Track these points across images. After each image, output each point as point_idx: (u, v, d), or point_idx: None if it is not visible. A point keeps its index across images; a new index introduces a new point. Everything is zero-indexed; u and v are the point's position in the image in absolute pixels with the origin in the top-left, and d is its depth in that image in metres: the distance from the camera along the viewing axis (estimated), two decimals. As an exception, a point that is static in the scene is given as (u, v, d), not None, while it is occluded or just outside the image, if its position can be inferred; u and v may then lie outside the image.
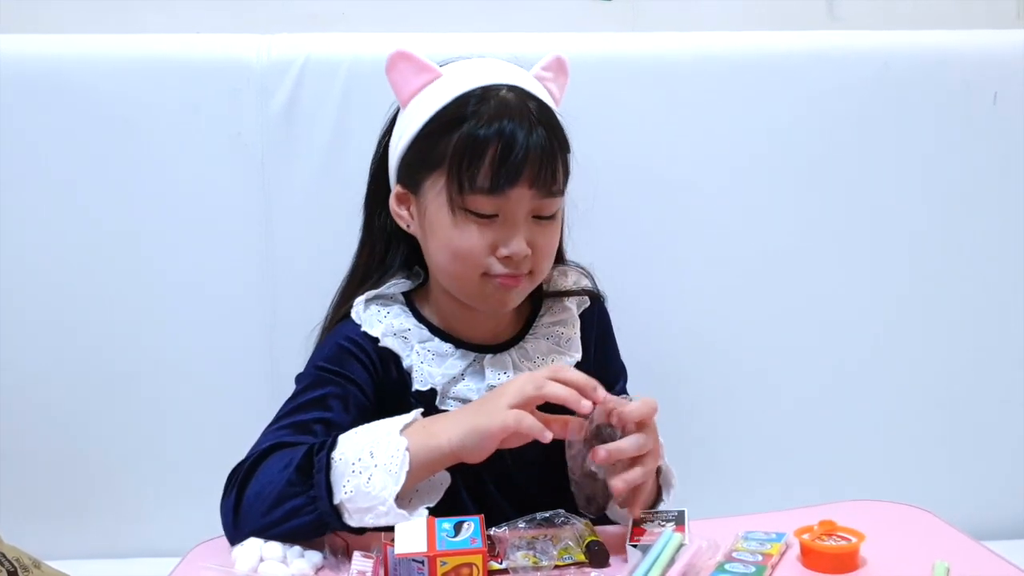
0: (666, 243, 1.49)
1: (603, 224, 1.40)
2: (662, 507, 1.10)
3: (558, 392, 0.96)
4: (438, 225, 1.06)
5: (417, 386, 1.11)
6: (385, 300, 1.15)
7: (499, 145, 1.01)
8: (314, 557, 0.95)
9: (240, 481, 1.00)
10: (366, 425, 1.01)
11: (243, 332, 1.47)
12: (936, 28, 1.56)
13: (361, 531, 0.97)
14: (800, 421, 1.53)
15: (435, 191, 1.06)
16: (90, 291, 1.45)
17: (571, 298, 1.20)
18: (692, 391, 1.50)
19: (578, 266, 1.24)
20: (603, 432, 0.99)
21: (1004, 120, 1.50)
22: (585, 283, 1.23)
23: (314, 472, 0.96)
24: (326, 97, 1.42)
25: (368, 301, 1.14)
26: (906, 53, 1.50)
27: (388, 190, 1.14)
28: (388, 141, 1.14)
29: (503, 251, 1.05)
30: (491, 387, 1.10)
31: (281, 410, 1.09)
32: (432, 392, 1.11)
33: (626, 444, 0.98)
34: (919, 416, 1.54)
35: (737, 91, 1.48)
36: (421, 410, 1.03)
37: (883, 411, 1.54)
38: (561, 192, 1.08)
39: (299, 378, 1.13)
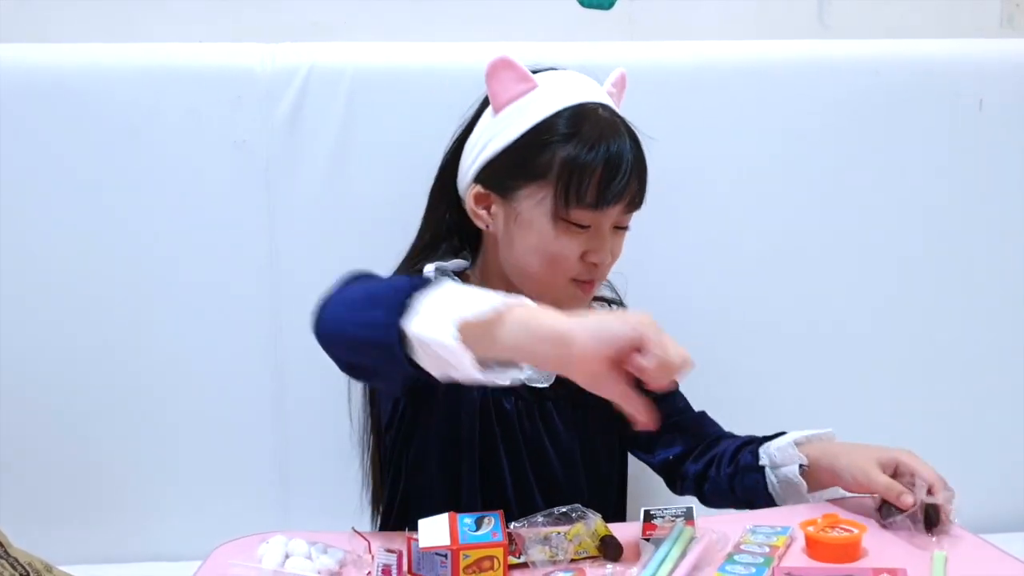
0: (662, 248, 1.51)
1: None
2: None
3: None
4: (536, 231, 1.11)
5: None
6: (443, 272, 1.20)
7: (605, 165, 1.08)
8: (338, 554, 0.97)
9: (327, 295, 0.98)
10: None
11: (247, 338, 1.48)
12: (923, 37, 1.59)
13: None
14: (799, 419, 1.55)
15: (534, 200, 1.11)
16: (96, 297, 1.46)
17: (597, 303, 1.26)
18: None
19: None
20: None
21: (989, 126, 1.55)
22: (605, 292, 1.28)
23: (401, 297, 0.88)
24: (330, 105, 1.44)
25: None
26: (895, 61, 1.53)
27: (455, 185, 1.19)
28: (464, 139, 1.18)
29: (592, 258, 1.12)
30: None
31: None
32: None
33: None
34: (918, 410, 1.57)
35: (731, 99, 1.51)
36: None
37: (882, 407, 1.57)
38: None
39: None
